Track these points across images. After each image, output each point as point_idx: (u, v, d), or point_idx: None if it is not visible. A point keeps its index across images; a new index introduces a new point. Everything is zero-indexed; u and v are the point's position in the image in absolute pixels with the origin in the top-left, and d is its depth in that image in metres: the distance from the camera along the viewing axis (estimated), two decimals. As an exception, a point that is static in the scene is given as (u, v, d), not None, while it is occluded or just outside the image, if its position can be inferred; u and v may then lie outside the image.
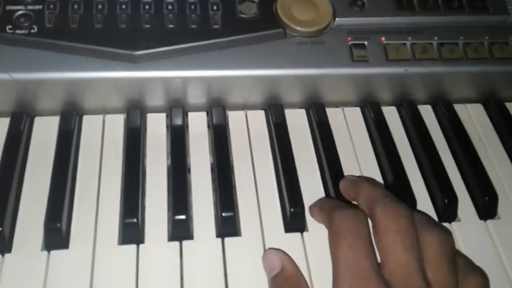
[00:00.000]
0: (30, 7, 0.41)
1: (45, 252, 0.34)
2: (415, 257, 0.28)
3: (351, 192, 0.35)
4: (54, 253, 0.34)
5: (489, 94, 0.47)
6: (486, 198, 0.38)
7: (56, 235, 0.34)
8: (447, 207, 0.38)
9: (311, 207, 0.37)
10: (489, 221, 0.38)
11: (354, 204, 0.35)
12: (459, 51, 0.44)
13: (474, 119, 0.46)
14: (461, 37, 0.45)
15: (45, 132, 0.40)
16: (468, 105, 0.47)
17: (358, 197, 0.33)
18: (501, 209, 0.39)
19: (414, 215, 0.31)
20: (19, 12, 0.41)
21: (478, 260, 0.34)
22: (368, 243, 0.30)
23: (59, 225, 0.34)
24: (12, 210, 0.35)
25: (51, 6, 0.41)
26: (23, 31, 0.40)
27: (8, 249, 0.34)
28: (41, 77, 0.39)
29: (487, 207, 0.39)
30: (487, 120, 0.46)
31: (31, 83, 0.39)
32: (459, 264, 0.31)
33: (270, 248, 0.35)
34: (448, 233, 0.31)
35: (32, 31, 0.40)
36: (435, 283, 0.28)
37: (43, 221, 0.34)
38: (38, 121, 0.41)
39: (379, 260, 0.30)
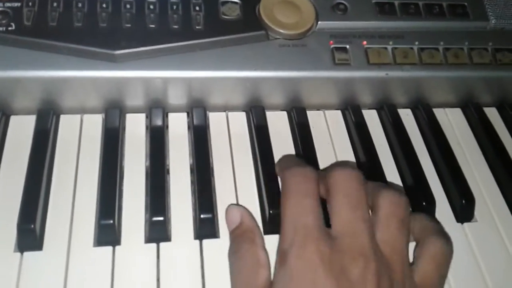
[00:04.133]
0: (8, 4, 0.40)
1: (18, 254, 0.33)
2: (362, 217, 0.29)
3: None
4: (27, 254, 0.33)
5: (468, 99, 0.47)
6: (464, 201, 0.39)
7: (30, 236, 0.33)
8: (425, 210, 0.38)
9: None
10: (466, 224, 0.39)
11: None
12: (439, 56, 0.45)
13: (453, 123, 0.46)
14: (442, 43, 0.45)
15: (20, 132, 0.39)
16: (448, 110, 0.47)
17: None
18: (478, 212, 0.40)
19: (369, 182, 0.31)
20: (-3, 9, 0.40)
21: (454, 262, 0.34)
22: (313, 201, 0.30)
23: (32, 226, 0.33)
24: (-15, 211, 0.34)
25: (30, 3, 0.40)
26: (0, 29, 0.39)
27: (-20, 251, 0.33)
28: (18, 76, 0.38)
29: (464, 210, 0.39)
30: (466, 124, 0.46)
31: (7, 81, 0.38)
32: (423, 226, 0.31)
33: (231, 204, 0.36)
34: (401, 196, 0.31)
35: (10, 28, 0.39)
36: (383, 244, 0.28)
37: (16, 221, 0.33)
38: (14, 120, 0.40)
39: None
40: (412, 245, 0.32)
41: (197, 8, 0.43)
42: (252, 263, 0.30)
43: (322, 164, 0.40)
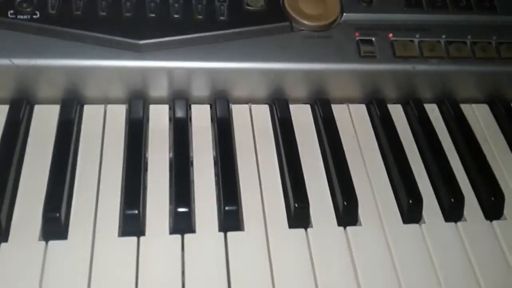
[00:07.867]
0: (32, -8, 0.40)
1: (43, 242, 0.33)
2: None
3: None
4: (52, 243, 0.33)
5: (496, 95, 0.46)
6: (493, 198, 0.38)
7: (55, 225, 0.33)
8: (452, 206, 0.37)
9: None
10: (495, 222, 0.38)
11: None
12: (467, 50, 0.44)
13: (480, 119, 0.45)
14: (469, 36, 0.44)
15: (45, 121, 0.39)
16: (474, 105, 0.46)
17: None
18: (507, 210, 0.39)
19: None
20: (22, -3, 0.40)
21: (484, 260, 0.33)
22: None
23: (58, 214, 0.33)
24: (10, 199, 0.34)
25: (55, -8, 0.40)
26: (25, 17, 0.39)
27: (5, 238, 0.33)
28: (42, 64, 0.38)
29: (493, 207, 0.38)
30: (493, 120, 0.45)
31: (32, 69, 0.38)
32: None
33: None
34: None
35: (34, 16, 0.39)
36: None
37: (42, 210, 0.33)
38: (38, 109, 0.40)
39: None
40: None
41: (222, -2, 0.42)
42: None
43: (348, 158, 0.39)
